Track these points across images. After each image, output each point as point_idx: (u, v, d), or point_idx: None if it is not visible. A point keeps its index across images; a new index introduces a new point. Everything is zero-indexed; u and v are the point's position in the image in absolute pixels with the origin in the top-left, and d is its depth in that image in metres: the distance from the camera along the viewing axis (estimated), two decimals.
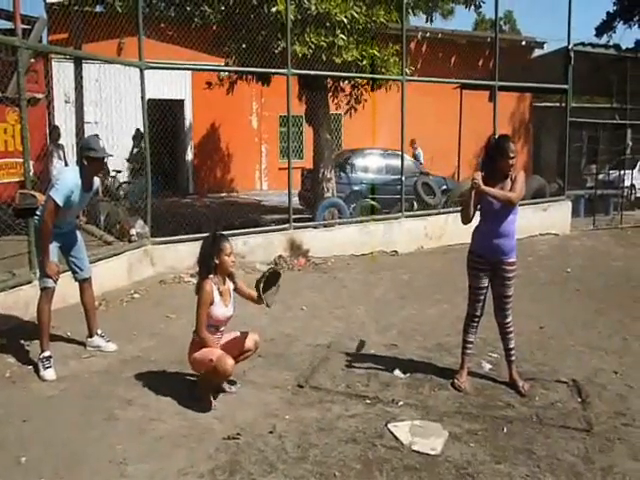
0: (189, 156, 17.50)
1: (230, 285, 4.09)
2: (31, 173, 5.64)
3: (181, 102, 17.07)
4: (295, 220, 8.58)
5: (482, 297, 4.14)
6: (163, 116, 10.72)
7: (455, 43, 18.51)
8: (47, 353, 4.32)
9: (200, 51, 12.01)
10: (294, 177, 9.41)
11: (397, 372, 4.36)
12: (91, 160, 4.43)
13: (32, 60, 12.71)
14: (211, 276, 3.92)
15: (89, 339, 4.78)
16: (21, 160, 5.70)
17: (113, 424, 3.63)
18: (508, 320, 4.15)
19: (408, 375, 4.33)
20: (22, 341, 4.91)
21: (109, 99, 14.96)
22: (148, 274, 7.14)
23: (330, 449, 3.30)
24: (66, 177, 4.38)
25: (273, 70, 8.70)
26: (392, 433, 3.46)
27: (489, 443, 3.37)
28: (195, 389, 3.99)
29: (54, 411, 3.79)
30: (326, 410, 3.79)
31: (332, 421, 3.64)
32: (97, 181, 4.80)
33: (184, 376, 4.27)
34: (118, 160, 12.56)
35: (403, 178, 9.44)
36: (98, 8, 10.48)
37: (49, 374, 4.23)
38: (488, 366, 4.46)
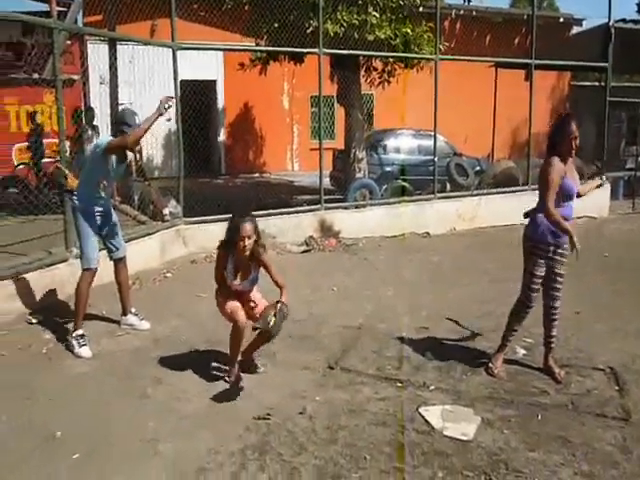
0: (221, 137, 17.53)
1: (255, 265, 3.96)
2: (67, 154, 5.71)
3: (213, 83, 17.06)
4: (326, 201, 8.54)
5: (539, 286, 4.00)
6: (196, 97, 10.71)
7: (490, 21, 18.02)
8: (81, 331, 4.39)
9: (232, 32, 11.97)
10: (325, 158, 9.33)
11: (428, 355, 4.31)
12: (124, 134, 4.45)
13: (68, 42, 12.85)
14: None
15: (123, 317, 4.85)
16: (57, 140, 5.78)
17: (144, 402, 3.68)
18: (557, 304, 4.03)
19: (439, 359, 4.27)
20: (58, 318, 5.00)
21: (142, 80, 15.11)
22: (180, 253, 7.20)
23: (360, 431, 3.28)
24: (102, 139, 4.50)
25: (305, 50, 8.60)
26: (423, 417, 3.43)
27: (522, 430, 3.31)
28: (227, 371, 4.01)
29: (88, 388, 3.86)
30: (356, 392, 3.77)
31: (362, 403, 3.62)
32: (130, 155, 4.82)
33: (214, 357, 4.29)
34: (151, 140, 12.69)
35: (436, 159, 9.28)
36: None
37: (85, 351, 4.30)
38: (522, 351, 4.37)
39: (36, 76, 12.25)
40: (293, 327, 4.87)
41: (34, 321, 4.94)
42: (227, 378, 3.95)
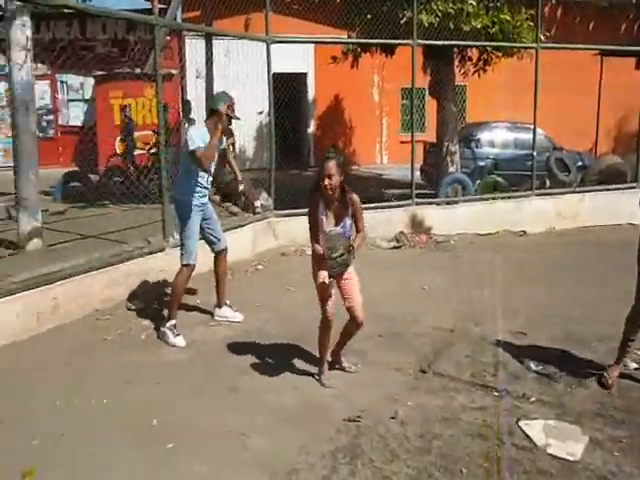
0: (311, 129, 17.62)
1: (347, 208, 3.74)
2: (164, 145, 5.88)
3: (304, 75, 17.16)
4: (417, 196, 8.34)
5: None
6: (287, 89, 10.78)
7: (594, 6, 16.94)
8: (174, 322, 4.48)
9: (324, 24, 11.95)
10: (416, 151, 9.11)
11: (527, 363, 4.08)
12: (226, 117, 4.50)
13: (167, 38, 13.31)
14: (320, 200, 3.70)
15: (218, 309, 4.93)
16: (147, 133, 5.97)
17: (234, 395, 3.71)
18: None
19: (540, 368, 4.03)
20: (155, 305, 5.18)
21: (237, 73, 15.43)
22: (270, 246, 7.27)
23: (455, 442, 3.14)
24: (193, 131, 4.50)
25: (398, 41, 8.43)
26: (523, 431, 3.23)
27: (637, 453, 3.05)
28: (317, 367, 3.98)
29: (181, 376, 3.95)
30: (450, 399, 3.63)
31: (456, 411, 3.48)
32: (223, 140, 4.83)
33: (304, 353, 4.27)
34: (244, 132, 12.92)
35: (534, 153, 8.82)
36: None
37: (179, 341, 4.41)
38: (634, 365, 4.04)
39: (138, 71, 12.80)
40: (383, 325, 4.78)
41: (133, 307, 5.13)
42: (316, 375, 3.92)
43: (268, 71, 7.41)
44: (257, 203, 7.29)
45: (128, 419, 3.42)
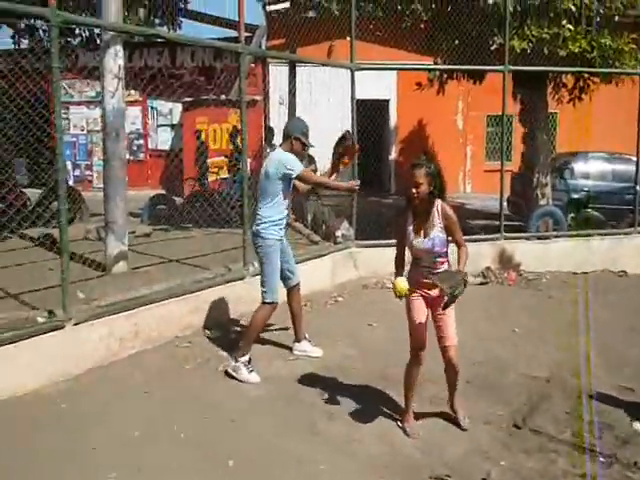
0: (392, 155, 17.45)
1: (437, 220, 3.52)
2: (247, 170, 5.87)
3: (386, 102, 17.08)
4: (504, 229, 7.94)
5: None
6: (369, 116, 10.67)
7: None
8: (248, 357, 4.32)
9: (408, 51, 11.82)
10: (506, 180, 8.71)
11: (637, 426, 3.65)
12: (300, 143, 4.43)
13: (252, 65, 13.56)
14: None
15: (296, 344, 4.76)
16: (220, 159, 6.00)
17: (314, 439, 3.51)
18: None
19: None
20: (233, 335, 5.09)
21: (319, 100, 15.53)
22: (350, 277, 7.08)
23: None
24: (288, 155, 4.37)
25: (488, 67, 8.12)
26: None
27: None
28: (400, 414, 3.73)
29: (259, 415, 3.79)
30: (549, 462, 3.27)
31: (557, 478, 3.12)
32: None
33: (387, 395, 4.03)
34: (322, 161, 12.91)
35: (638, 187, 8.21)
36: (311, 13, 10.75)
37: (254, 377, 4.25)
38: None
39: (223, 97, 13.13)
40: (471, 370, 4.46)
41: (212, 336, 5.07)
42: (400, 422, 3.66)
43: (352, 98, 7.30)
44: (338, 232, 7.14)
45: (204, 457, 3.29)
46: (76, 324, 4.22)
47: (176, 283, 5.16)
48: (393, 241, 7.26)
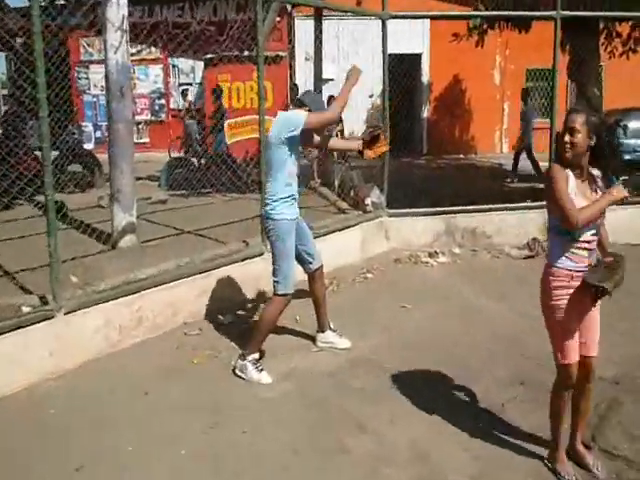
0: (424, 114, 16.50)
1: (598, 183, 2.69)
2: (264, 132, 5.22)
3: (418, 56, 16.06)
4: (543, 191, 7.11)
5: None
6: (399, 71, 9.81)
7: None
8: (257, 355, 3.73)
9: (440, 0, 10.81)
10: (542, 140, 7.86)
11: None
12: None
13: (277, 19, 12.70)
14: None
15: (320, 334, 4.15)
16: (267, 117, 5.40)
17: (341, 458, 2.94)
18: None
19: None
20: (249, 320, 4.53)
21: (346, 55, 14.64)
22: (381, 250, 6.44)
23: None
24: (282, 114, 3.80)
25: (538, 13, 7.21)
26: None
27: None
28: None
29: (275, 424, 3.22)
30: None
31: None
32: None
33: (427, 400, 3.43)
34: (353, 117, 12.14)
35: None
36: None
37: (265, 377, 3.66)
38: None
39: (247, 53, 12.35)
40: (524, 367, 3.85)
41: (225, 322, 4.52)
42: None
43: (383, 50, 6.51)
44: (367, 200, 6.46)
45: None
46: (68, 312, 3.69)
47: (185, 262, 4.59)
48: (429, 209, 6.74)
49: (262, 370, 3.68)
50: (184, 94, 13.05)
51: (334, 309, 4.36)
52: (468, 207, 6.71)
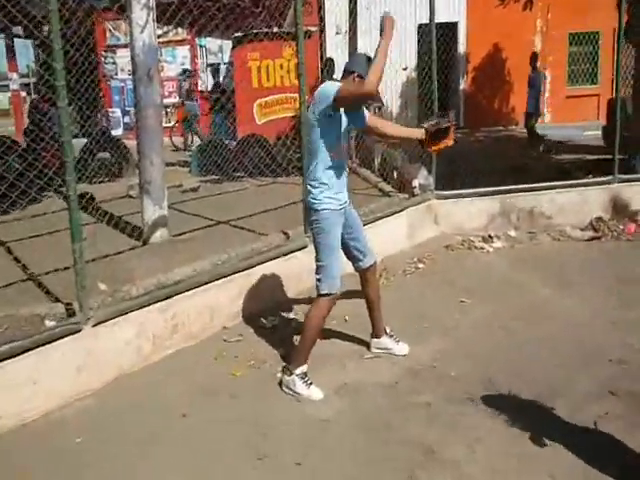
0: (461, 85, 15.73)
1: None
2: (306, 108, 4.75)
3: (454, 25, 15.24)
4: (597, 165, 6.52)
5: None
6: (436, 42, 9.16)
7: None
8: (305, 368, 3.29)
9: None
10: (590, 107, 7.20)
11: None
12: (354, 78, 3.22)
13: None
14: None
15: (374, 340, 3.70)
16: (295, 95, 4.95)
17: None
18: None
19: None
20: (294, 324, 4.11)
21: (377, 28, 13.95)
22: (431, 235, 5.94)
23: None
24: (320, 87, 3.23)
25: None
26: None
27: None
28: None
29: (330, 451, 2.80)
30: None
31: None
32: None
33: (507, 415, 2.96)
34: (388, 93, 11.53)
35: None
36: None
37: (315, 393, 3.23)
38: None
39: (276, 30, 11.82)
40: (609, 373, 3.34)
41: (268, 325, 4.11)
42: None
43: (431, 18, 5.96)
44: (415, 183, 5.95)
45: None
46: (96, 324, 3.32)
47: (222, 259, 4.18)
48: (479, 190, 6.19)
49: (311, 384, 3.26)
50: (188, 75, 12.59)
51: (386, 306, 3.86)
52: (523, 186, 6.15)
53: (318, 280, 3.26)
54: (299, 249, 4.56)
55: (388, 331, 3.69)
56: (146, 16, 4.77)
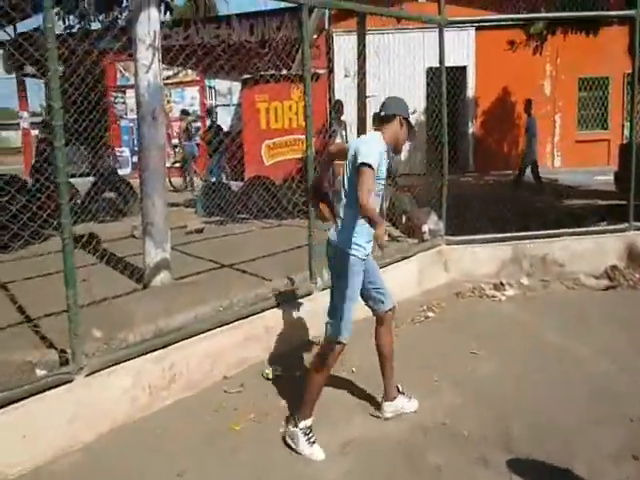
0: (470, 129, 15.78)
1: None
2: (313, 150, 4.67)
3: (463, 69, 15.39)
4: (610, 210, 6.37)
5: None
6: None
7: None
8: (310, 422, 3.11)
9: (487, 9, 10.15)
10: (600, 152, 7.11)
11: None
12: (407, 125, 3.16)
13: (314, 36, 12.25)
14: None
15: (387, 403, 3.43)
16: (303, 137, 4.88)
17: None
18: None
19: None
20: (299, 375, 3.91)
21: (386, 71, 14.11)
22: (440, 282, 5.77)
23: None
24: (371, 141, 3.08)
25: (615, 12, 6.48)
26: None
27: None
28: None
29: None
30: None
31: None
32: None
33: (521, 477, 2.74)
34: None
35: None
36: None
37: (316, 452, 3.03)
38: None
39: (284, 72, 11.93)
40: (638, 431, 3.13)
41: (271, 376, 3.92)
42: None
43: (441, 60, 5.93)
44: (425, 228, 5.82)
45: None
46: (89, 374, 3.16)
47: (224, 305, 4.03)
48: (490, 235, 6.05)
49: (314, 443, 3.05)
50: (186, 113, 12.69)
51: (395, 358, 3.70)
52: (536, 232, 6.00)
53: (330, 324, 3.11)
54: (304, 296, 4.40)
55: (400, 388, 3.47)
56: (151, 56, 4.73)
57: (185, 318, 3.81)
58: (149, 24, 4.66)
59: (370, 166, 2.89)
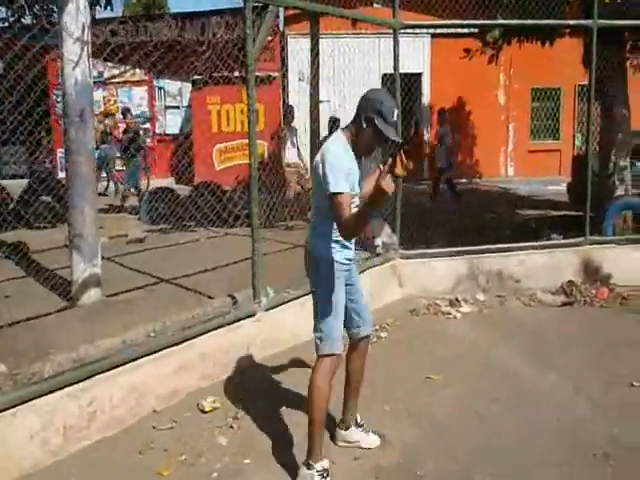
0: (425, 136, 15.70)
1: None
2: (266, 154, 4.31)
3: (418, 76, 15.32)
4: (566, 222, 6.25)
5: None
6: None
7: None
8: (326, 463, 2.77)
9: (448, 18, 10.00)
10: (552, 162, 7.02)
11: None
12: (375, 130, 2.67)
13: (269, 37, 11.86)
14: None
15: (343, 432, 3.13)
16: (260, 141, 4.52)
17: None
18: None
19: None
20: (241, 406, 3.54)
21: (341, 76, 13.89)
22: (394, 297, 5.50)
23: None
24: (333, 153, 2.69)
25: (573, 22, 6.36)
26: None
27: None
28: None
29: None
30: None
31: None
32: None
33: None
34: None
35: None
36: None
37: None
38: None
39: (237, 74, 11.54)
40: (599, 469, 2.88)
41: (207, 408, 3.52)
42: None
43: (395, 67, 5.67)
44: (378, 241, 5.53)
45: None
46: None
47: (157, 329, 3.62)
48: (446, 249, 5.82)
49: None
50: (127, 111, 12.06)
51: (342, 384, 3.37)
52: (491, 246, 5.80)
53: (318, 339, 2.80)
54: (247, 317, 4.03)
55: (359, 420, 3.15)
56: (79, 51, 4.29)
57: (111, 344, 3.39)
58: (77, 15, 4.22)
59: (342, 193, 2.57)
